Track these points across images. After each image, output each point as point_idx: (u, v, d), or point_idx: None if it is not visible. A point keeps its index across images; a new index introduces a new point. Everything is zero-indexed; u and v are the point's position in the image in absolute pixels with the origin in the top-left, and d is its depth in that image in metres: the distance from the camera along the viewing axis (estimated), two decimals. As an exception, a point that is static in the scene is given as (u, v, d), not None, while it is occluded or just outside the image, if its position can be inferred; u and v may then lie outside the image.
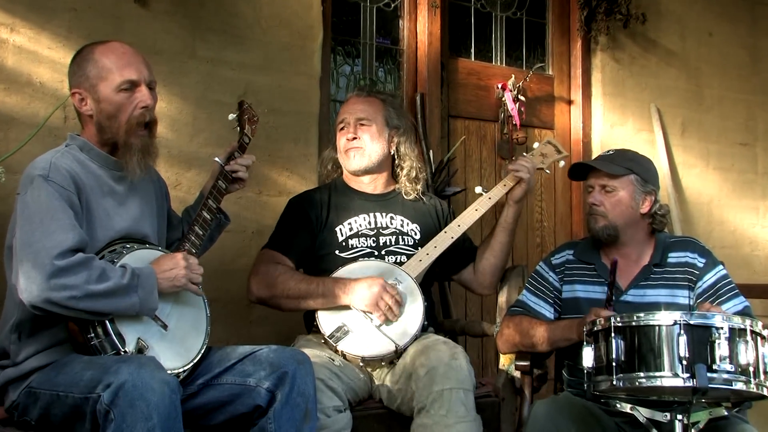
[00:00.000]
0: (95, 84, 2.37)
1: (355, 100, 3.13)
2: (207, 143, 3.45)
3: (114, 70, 2.37)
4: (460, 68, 4.37)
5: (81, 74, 2.39)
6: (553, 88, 4.65)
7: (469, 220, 3.04)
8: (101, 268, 2.17)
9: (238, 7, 3.58)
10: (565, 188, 4.62)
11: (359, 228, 3.02)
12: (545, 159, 3.20)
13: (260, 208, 3.58)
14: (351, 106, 3.11)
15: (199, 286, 2.41)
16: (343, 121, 3.09)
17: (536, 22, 4.68)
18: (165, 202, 2.70)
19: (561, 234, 4.62)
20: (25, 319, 2.26)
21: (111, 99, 2.37)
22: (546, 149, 3.23)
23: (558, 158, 3.24)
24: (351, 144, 3.06)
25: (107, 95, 2.37)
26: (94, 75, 2.37)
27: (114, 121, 2.38)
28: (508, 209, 3.07)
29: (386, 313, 2.75)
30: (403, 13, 4.23)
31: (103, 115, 2.38)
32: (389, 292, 2.76)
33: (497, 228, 3.09)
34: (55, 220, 2.18)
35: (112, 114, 2.38)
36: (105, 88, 2.37)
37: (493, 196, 3.08)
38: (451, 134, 4.31)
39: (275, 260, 2.93)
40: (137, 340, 2.22)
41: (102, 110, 2.38)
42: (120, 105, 2.38)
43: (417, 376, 2.63)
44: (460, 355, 2.68)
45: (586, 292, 2.78)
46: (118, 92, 2.37)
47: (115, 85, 2.37)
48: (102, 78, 2.37)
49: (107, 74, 2.37)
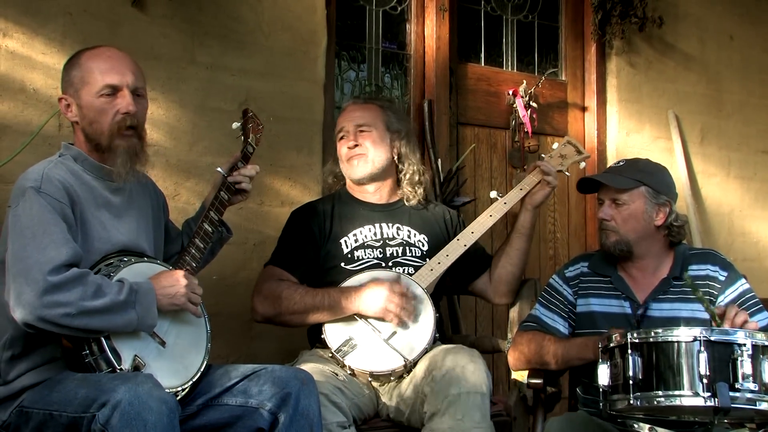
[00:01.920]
0: (78, 89, 2.39)
1: (352, 108, 3.14)
2: (207, 152, 3.46)
3: (96, 75, 2.38)
4: (469, 74, 4.37)
5: (67, 80, 2.41)
6: (566, 94, 4.65)
7: (483, 227, 3.03)
8: (97, 283, 2.17)
9: (239, 10, 3.59)
10: (579, 198, 4.61)
11: (365, 239, 3.02)
12: (565, 160, 3.18)
13: (262, 219, 3.58)
14: (349, 114, 3.12)
15: (200, 307, 2.41)
16: (342, 129, 3.10)
17: (548, 25, 4.68)
18: (162, 214, 2.70)
19: (575, 246, 4.61)
20: (17, 336, 2.25)
21: (92, 104, 2.38)
22: (566, 150, 3.21)
23: (578, 159, 3.21)
24: (353, 152, 3.06)
25: (89, 101, 2.38)
26: (78, 80, 2.39)
27: (96, 126, 2.39)
28: (525, 214, 3.06)
29: (400, 314, 2.74)
30: (410, 16, 4.24)
31: (85, 121, 2.39)
32: (397, 290, 2.76)
33: (514, 235, 3.08)
34: (47, 234, 2.17)
35: (94, 119, 2.38)
36: (87, 94, 2.38)
37: (508, 200, 3.07)
38: (460, 142, 4.31)
39: (278, 277, 2.93)
40: (134, 357, 2.21)
41: (84, 116, 2.39)
42: (100, 110, 2.38)
43: (432, 378, 2.62)
44: (478, 359, 2.67)
45: (602, 306, 2.77)
46: (98, 97, 2.38)
47: (96, 89, 2.38)
48: (85, 83, 2.38)
49: (89, 78, 2.38)
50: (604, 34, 4.56)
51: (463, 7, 4.41)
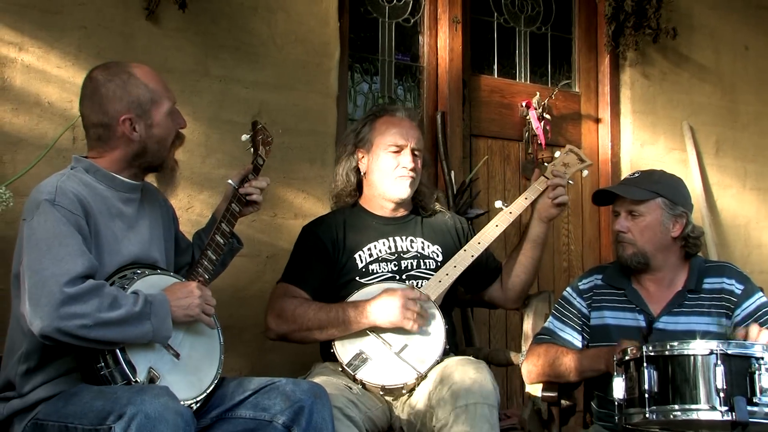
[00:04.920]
0: (149, 109, 2.42)
1: (409, 125, 3.09)
2: (220, 164, 3.48)
3: (162, 95, 2.45)
4: (482, 85, 4.38)
5: (131, 99, 2.40)
6: (579, 106, 4.65)
7: (489, 237, 3.03)
8: (113, 295, 2.18)
9: (252, 23, 3.61)
10: (593, 210, 4.60)
11: (379, 253, 3.02)
12: (568, 169, 3.14)
13: (275, 232, 3.59)
14: (407, 131, 3.06)
15: (213, 317, 2.42)
16: (400, 145, 3.04)
17: (562, 37, 4.69)
18: (172, 225, 2.72)
19: (589, 258, 4.60)
20: (33, 350, 2.27)
21: (164, 123, 2.45)
22: (568, 158, 3.18)
23: (581, 167, 3.18)
24: (412, 173, 3.04)
25: (160, 120, 2.44)
26: (147, 99, 2.42)
27: (162, 144, 2.45)
28: (539, 226, 3.05)
29: (416, 321, 2.75)
30: (423, 28, 4.26)
31: (153, 140, 2.43)
32: (412, 297, 2.77)
33: (526, 244, 3.07)
34: (63, 246, 2.19)
35: (163, 138, 2.45)
36: (158, 113, 2.43)
37: (514, 210, 3.06)
38: (474, 154, 4.31)
39: (291, 294, 2.93)
40: (149, 369, 2.23)
41: (153, 135, 2.43)
42: (170, 129, 2.47)
43: (439, 392, 2.62)
44: (485, 370, 2.66)
45: (616, 319, 2.77)
46: (167, 116, 2.45)
47: (166, 109, 2.45)
48: (155, 102, 2.43)
49: (159, 98, 2.44)
50: (617, 45, 4.56)
51: (476, 19, 4.42)
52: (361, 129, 3.13)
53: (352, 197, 3.16)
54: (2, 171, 3.05)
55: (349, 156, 3.13)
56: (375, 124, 3.11)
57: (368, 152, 3.09)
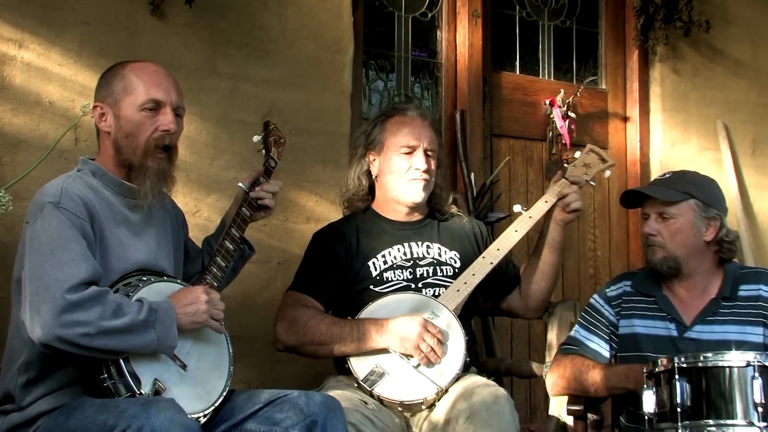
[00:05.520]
0: (119, 99, 2.43)
1: (421, 125, 3.08)
2: (229, 166, 3.49)
3: (140, 88, 2.43)
4: (503, 83, 4.38)
5: (107, 88, 2.45)
6: (606, 104, 4.64)
7: (508, 243, 3.03)
8: (116, 302, 2.19)
9: (262, 18, 3.63)
10: (621, 213, 4.59)
11: (394, 260, 3.01)
12: (589, 170, 3.14)
13: (286, 237, 3.60)
14: (419, 131, 3.06)
15: (221, 323, 2.43)
16: (412, 146, 3.03)
17: (588, 31, 4.68)
18: (182, 232, 2.73)
19: (617, 264, 4.59)
20: (33, 359, 2.27)
21: (131, 117, 2.42)
22: (589, 159, 3.17)
23: (603, 168, 3.17)
24: (425, 175, 3.04)
25: (128, 113, 2.42)
26: (120, 90, 2.43)
27: (131, 140, 2.42)
28: (555, 229, 3.05)
29: (428, 356, 2.74)
30: (441, 23, 4.26)
31: (121, 133, 2.43)
32: (431, 331, 2.76)
33: (545, 249, 3.07)
34: (66, 250, 2.20)
35: (131, 132, 2.42)
36: (128, 105, 2.43)
37: (534, 214, 3.06)
38: (495, 155, 4.31)
39: (302, 303, 2.93)
40: (154, 381, 2.23)
41: (121, 127, 2.43)
42: (140, 124, 2.43)
43: (455, 422, 2.61)
44: (503, 399, 2.65)
45: (646, 328, 2.76)
46: (140, 111, 2.42)
47: (138, 102, 2.42)
48: (127, 93, 2.43)
49: (133, 90, 2.43)
50: (646, 39, 4.55)
51: (497, 13, 4.42)
52: (372, 130, 3.13)
53: (365, 201, 3.16)
54: (2, 173, 3.08)
55: (360, 159, 3.14)
56: (386, 124, 3.11)
57: (379, 154, 3.09)
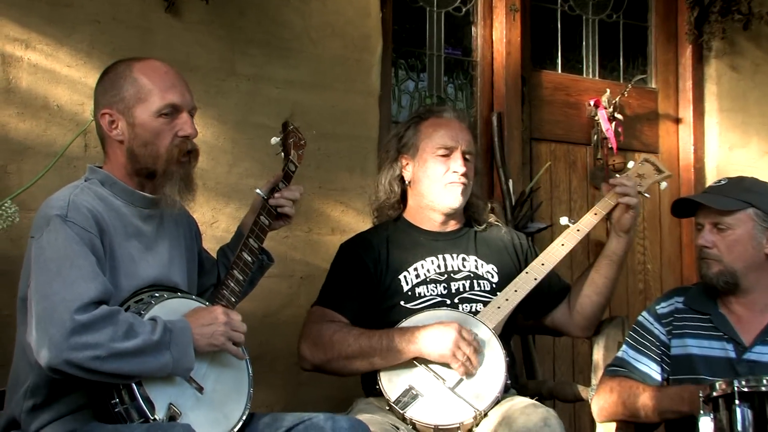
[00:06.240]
0: (131, 106, 2.42)
1: (459, 126, 3.09)
2: (248, 174, 3.50)
3: (155, 92, 2.43)
4: (544, 82, 4.37)
5: (114, 93, 2.44)
6: (656, 104, 4.62)
7: (554, 258, 3.03)
8: (128, 322, 2.19)
9: (284, 15, 3.64)
10: (673, 224, 4.56)
11: (427, 274, 3.01)
12: (643, 181, 3.14)
13: (310, 249, 3.61)
14: (456, 132, 3.07)
15: (241, 348, 2.42)
16: (450, 147, 3.05)
17: (636, 25, 4.66)
18: (195, 243, 2.74)
19: (668, 278, 4.57)
20: (40, 383, 2.28)
21: (148, 124, 2.42)
22: (643, 169, 3.17)
23: (659, 179, 3.18)
24: (464, 179, 3.04)
25: (144, 120, 2.42)
26: (131, 95, 2.42)
27: (150, 148, 2.43)
28: (617, 241, 3.03)
29: (465, 364, 2.74)
30: (477, 18, 4.26)
31: (137, 142, 2.43)
32: (467, 338, 2.75)
33: (602, 261, 3.06)
34: (75, 267, 2.20)
35: (148, 141, 2.42)
36: (143, 112, 2.42)
37: (582, 227, 3.06)
38: (535, 160, 4.30)
39: (328, 319, 2.94)
40: (168, 405, 2.23)
41: (136, 136, 2.42)
42: (158, 131, 2.43)
43: None
44: (553, 420, 2.64)
45: (701, 348, 2.74)
46: (157, 117, 2.42)
47: (155, 108, 2.42)
48: (140, 99, 2.42)
49: (147, 96, 2.42)
50: (701, 34, 4.52)
51: (537, 7, 4.41)
52: (405, 133, 3.14)
53: (396, 210, 3.16)
54: (7, 183, 3.10)
55: (391, 163, 3.14)
56: (420, 126, 3.11)
57: (413, 158, 3.09)
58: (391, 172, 3.14)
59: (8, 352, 2.45)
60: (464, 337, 2.75)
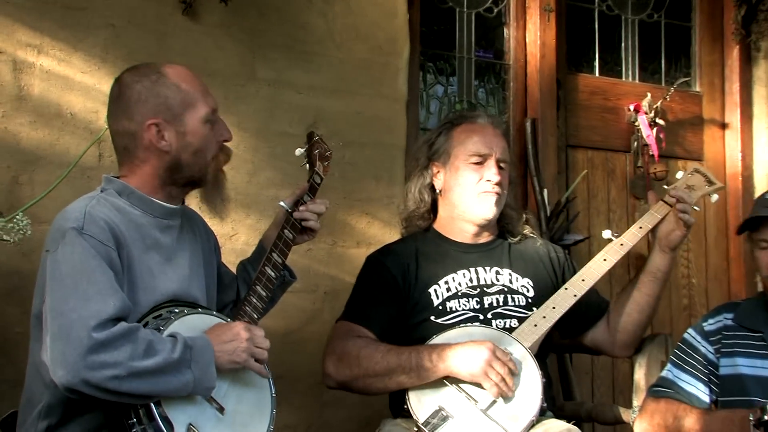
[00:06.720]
0: (180, 113, 2.44)
1: (493, 133, 3.09)
2: (269, 183, 3.51)
3: (199, 98, 2.46)
4: (581, 86, 4.37)
5: (158, 101, 2.44)
6: (701, 109, 4.61)
7: (595, 273, 3.01)
8: (148, 340, 2.19)
9: (307, 17, 3.66)
10: (719, 236, 4.54)
11: (458, 287, 3.01)
12: (693, 192, 3.12)
13: (335, 263, 3.61)
14: (490, 138, 3.07)
15: (264, 365, 2.43)
16: (484, 155, 3.05)
17: (678, 25, 4.66)
18: (214, 257, 2.75)
19: (715, 293, 4.55)
20: (55, 403, 2.29)
21: (198, 131, 2.45)
22: (693, 180, 3.16)
23: (710, 191, 3.17)
24: (498, 188, 3.03)
25: (195, 127, 2.45)
26: (178, 103, 2.44)
27: (199, 156, 2.46)
28: (660, 257, 3.03)
29: (498, 384, 2.73)
30: (509, 19, 4.27)
31: (187, 151, 2.45)
32: (501, 358, 2.74)
33: (645, 277, 3.05)
34: (92, 283, 2.21)
35: (198, 149, 2.46)
36: (192, 119, 2.45)
37: (626, 242, 3.04)
38: (571, 169, 4.30)
39: (355, 334, 2.93)
40: (188, 426, 2.23)
41: (187, 144, 2.45)
42: (207, 138, 2.47)
43: None
44: None
45: (752, 368, 2.72)
46: (204, 123, 2.46)
47: (203, 114, 2.46)
48: (188, 106, 2.45)
49: (193, 102, 2.45)
50: (748, 33, 4.52)
51: (573, 7, 4.42)
52: (436, 139, 3.14)
53: (426, 220, 3.16)
54: (18, 194, 3.12)
55: (422, 171, 3.14)
56: (453, 132, 3.11)
57: (445, 165, 3.09)
58: (421, 180, 3.14)
59: (21, 371, 2.45)
60: (498, 357, 2.74)
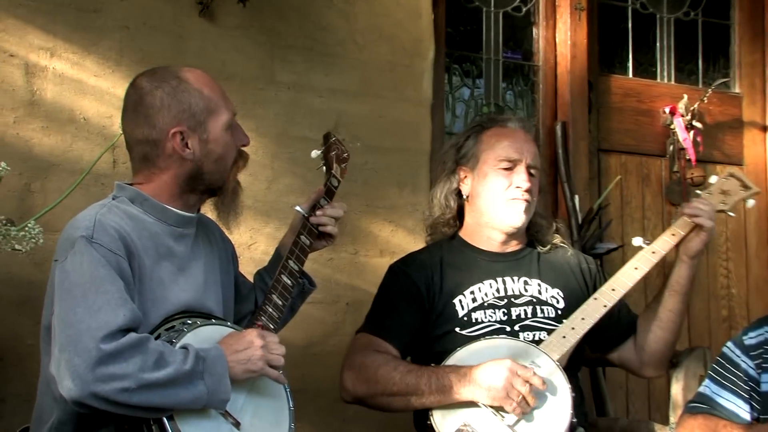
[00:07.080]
0: (203, 120, 2.45)
1: (524, 138, 3.09)
2: (289, 190, 3.52)
3: (221, 104, 2.48)
4: (613, 88, 4.36)
5: (181, 108, 2.44)
6: (741, 111, 4.60)
7: (626, 283, 2.99)
8: (158, 351, 2.19)
9: (327, 18, 3.67)
10: (760, 243, 4.52)
11: (485, 298, 3.01)
12: (728, 198, 3.11)
13: (357, 273, 3.62)
14: (521, 144, 3.06)
15: (280, 371, 2.43)
16: (514, 160, 3.04)
17: (717, 24, 4.64)
18: (231, 267, 2.76)
19: (756, 305, 4.53)
20: (65, 419, 2.30)
21: (221, 138, 2.47)
22: (728, 185, 3.14)
23: (745, 196, 3.14)
24: (527, 195, 3.03)
25: (218, 134, 2.46)
26: (202, 109, 2.45)
27: (220, 164, 2.48)
28: (680, 267, 3.01)
29: (519, 405, 2.72)
30: (538, 19, 4.27)
31: (209, 158, 2.46)
32: (522, 376, 2.73)
33: (666, 291, 3.03)
34: (101, 293, 2.22)
35: (220, 156, 2.48)
36: (215, 126, 2.46)
37: (657, 249, 3.02)
38: (603, 174, 4.29)
39: (374, 348, 2.93)
40: (202, 442, 2.26)
41: (209, 152, 2.46)
42: (229, 145, 2.49)
43: None
44: None
45: (797, 385, 2.70)
46: (226, 130, 2.48)
47: (225, 121, 2.47)
48: (212, 113, 2.46)
49: (216, 108, 2.47)
50: (791, 32, 4.50)
51: (605, 5, 4.41)
52: (464, 143, 3.14)
53: (451, 227, 3.16)
54: (31, 202, 3.15)
55: (448, 175, 3.14)
56: (481, 136, 3.11)
57: (473, 170, 3.09)
58: (447, 185, 3.14)
59: (32, 384, 2.47)
60: (519, 375, 2.72)
